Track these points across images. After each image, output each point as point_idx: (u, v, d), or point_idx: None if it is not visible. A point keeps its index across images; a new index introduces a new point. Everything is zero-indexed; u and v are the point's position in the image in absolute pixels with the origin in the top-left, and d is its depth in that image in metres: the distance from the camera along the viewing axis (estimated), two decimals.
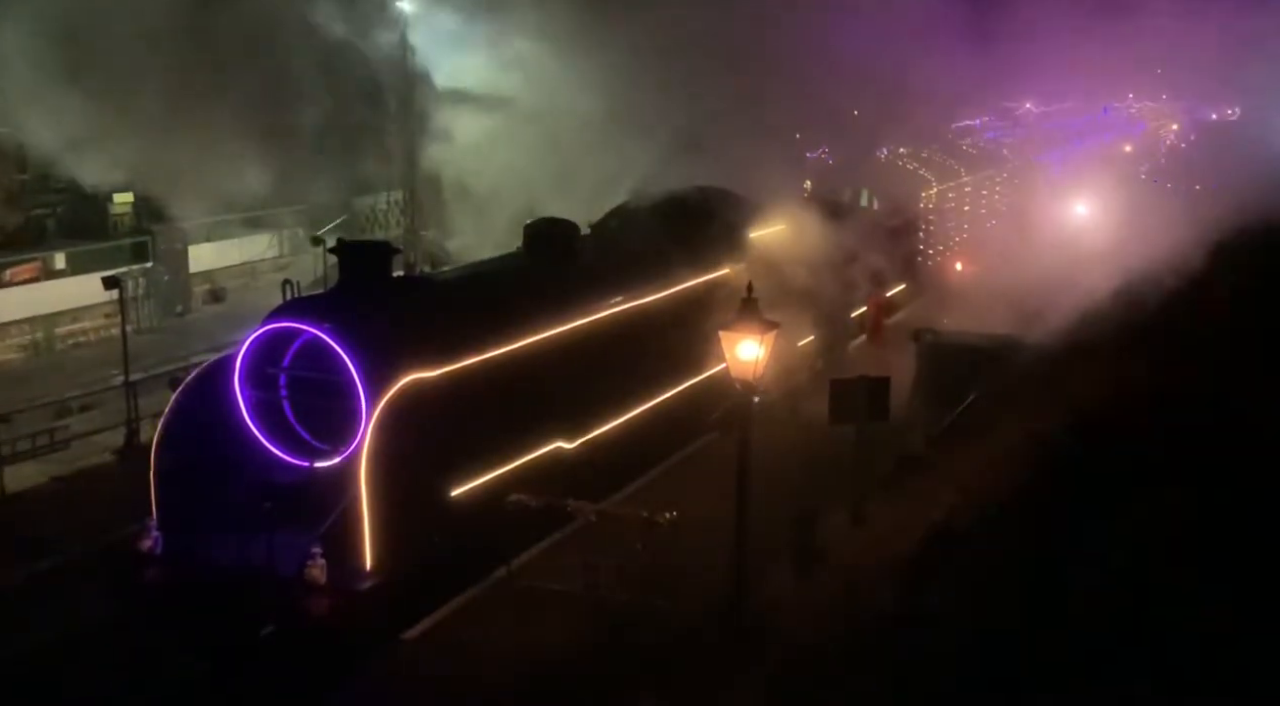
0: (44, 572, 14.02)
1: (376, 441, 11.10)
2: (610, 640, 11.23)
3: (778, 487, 13.78)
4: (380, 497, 11.10)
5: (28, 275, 25.75)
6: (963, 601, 12.21)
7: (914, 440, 16.74)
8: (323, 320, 11.82)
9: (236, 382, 12.17)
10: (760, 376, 11.27)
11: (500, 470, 12.60)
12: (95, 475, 17.60)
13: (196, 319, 28.33)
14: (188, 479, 12.00)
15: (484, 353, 12.93)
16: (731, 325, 11.19)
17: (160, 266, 28.14)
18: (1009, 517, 14.25)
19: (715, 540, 12.09)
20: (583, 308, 14.80)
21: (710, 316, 14.56)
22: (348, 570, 11.05)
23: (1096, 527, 13.79)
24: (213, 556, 11.46)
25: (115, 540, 12.61)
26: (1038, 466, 16.13)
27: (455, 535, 11.88)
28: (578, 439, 13.95)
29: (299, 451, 12.13)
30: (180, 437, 12.09)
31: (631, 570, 12.14)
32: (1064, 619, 11.76)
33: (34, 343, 25.24)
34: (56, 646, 11.93)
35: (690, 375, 16.52)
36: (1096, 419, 17.93)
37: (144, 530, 11.74)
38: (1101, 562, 12.96)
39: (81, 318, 26.04)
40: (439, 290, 14.47)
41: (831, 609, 12.19)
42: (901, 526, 14.15)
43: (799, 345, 19.50)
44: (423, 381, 11.85)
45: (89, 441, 18.80)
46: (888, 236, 24.67)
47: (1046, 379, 20.50)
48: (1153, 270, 24.45)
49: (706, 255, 17.50)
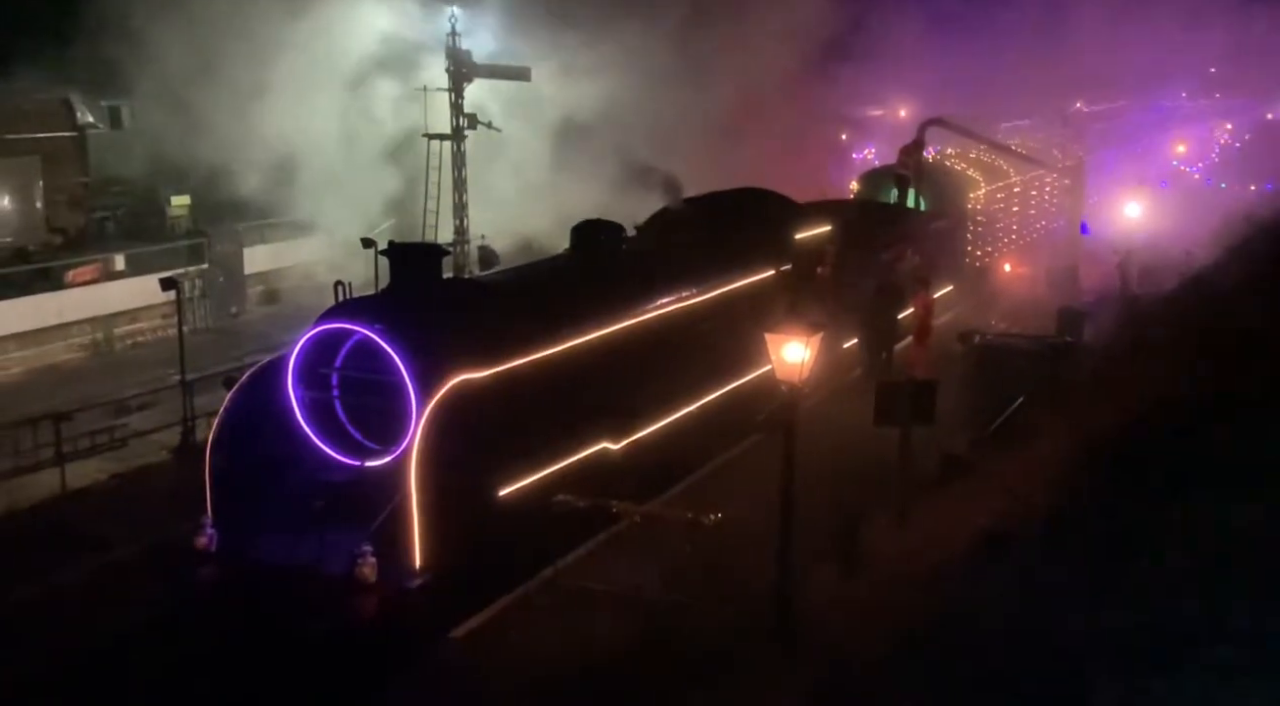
0: (101, 568, 14.29)
1: (426, 441, 11.25)
2: (655, 641, 11.30)
3: (823, 489, 13.77)
4: (429, 497, 11.24)
5: (89, 276, 26.35)
6: (1011, 604, 12.15)
7: (960, 443, 16.64)
8: (374, 321, 12.00)
9: (289, 382, 12.38)
10: (806, 378, 11.31)
11: (547, 470, 12.72)
12: (152, 473, 17.94)
13: (251, 319, 28.80)
14: (241, 477, 12.22)
15: (532, 354, 13.06)
16: (777, 327, 11.24)
17: (216, 268, 28.66)
18: (1059, 522, 14.13)
19: (760, 542, 12.12)
20: (629, 309, 14.89)
21: (756, 318, 14.59)
22: (397, 568, 11.20)
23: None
24: (265, 554, 11.66)
25: (171, 537, 12.84)
26: (1089, 470, 15.97)
27: (502, 534, 12.01)
28: (623, 440, 14.04)
29: (350, 450, 12.33)
30: (234, 436, 12.32)
31: (677, 571, 12.21)
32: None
33: (94, 342, 25.80)
34: (112, 642, 12.11)
35: (736, 377, 16.55)
36: (1149, 423, 17.72)
37: (199, 527, 11.96)
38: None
39: (140, 318, 26.58)
40: (487, 291, 14.63)
41: (877, 611, 12.17)
42: (947, 529, 14.09)
43: (844, 347, 19.47)
44: (472, 382, 11.98)
45: (146, 440, 19.19)
46: (935, 237, 24.54)
47: (1099, 381, 20.29)
48: (1205, 271, 24.13)
49: (753, 256, 17.51)
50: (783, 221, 18.79)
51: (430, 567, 11.32)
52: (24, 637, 12.45)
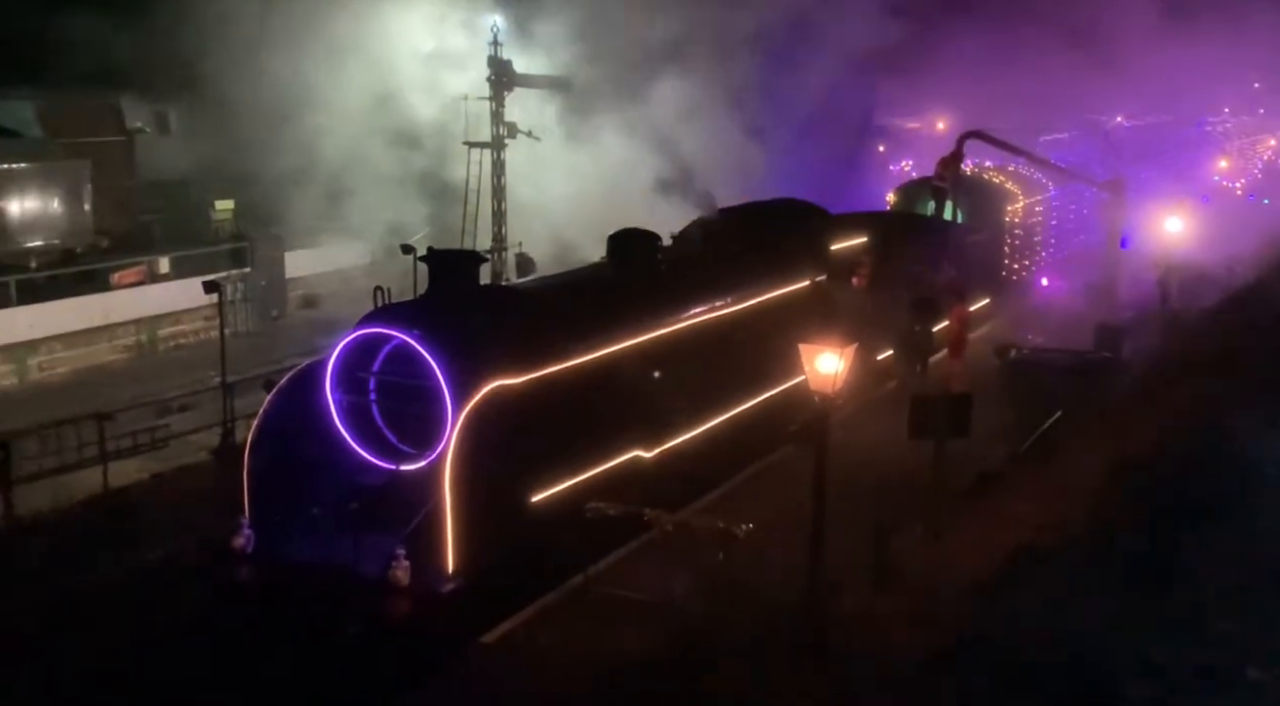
0: (140, 567, 14.50)
1: (461, 446, 11.35)
2: (685, 651, 11.33)
3: (855, 501, 13.76)
4: (463, 501, 11.33)
5: (134, 278, 26.76)
6: (1044, 622, 12.08)
7: (995, 458, 16.56)
8: (412, 326, 12.13)
9: (327, 386, 12.53)
10: (839, 389, 11.33)
11: (579, 477, 12.80)
12: (192, 473, 18.19)
13: (291, 323, 29.11)
14: (279, 478, 12.37)
15: (566, 361, 13.15)
16: (811, 337, 11.27)
17: (258, 272, 29.02)
18: (1094, 540, 14.03)
19: (791, 552, 12.14)
20: (663, 318, 14.96)
21: (790, 328, 14.62)
22: (430, 572, 11.30)
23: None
24: (301, 555, 11.81)
25: (209, 537, 13.02)
26: (1126, 488, 15.84)
27: (534, 540, 12.09)
28: (656, 448, 14.10)
29: (386, 454, 12.47)
30: (272, 438, 12.47)
31: (707, 581, 12.24)
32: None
33: (138, 343, 26.21)
34: (148, 640, 12.26)
35: (769, 387, 16.57)
36: (1188, 441, 17.54)
37: (236, 528, 12.10)
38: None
39: (183, 320, 26.96)
40: (524, 298, 14.74)
41: (908, 625, 12.14)
42: (980, 544, 14.03)
43: (878, 359, 19.43)
44: (507, 388, 12.09)
45: (187, 440, 19.45)
46: (972, 250, 24.44)
47: (1137, 398, 20.12)
48: (1247, 286, 23.85)
49: (788, 267, 17.54)
50: (818, 232, 18.80)
51: (462, 572, 11.41)
52: (64, 633, 12.68)
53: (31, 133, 26.38)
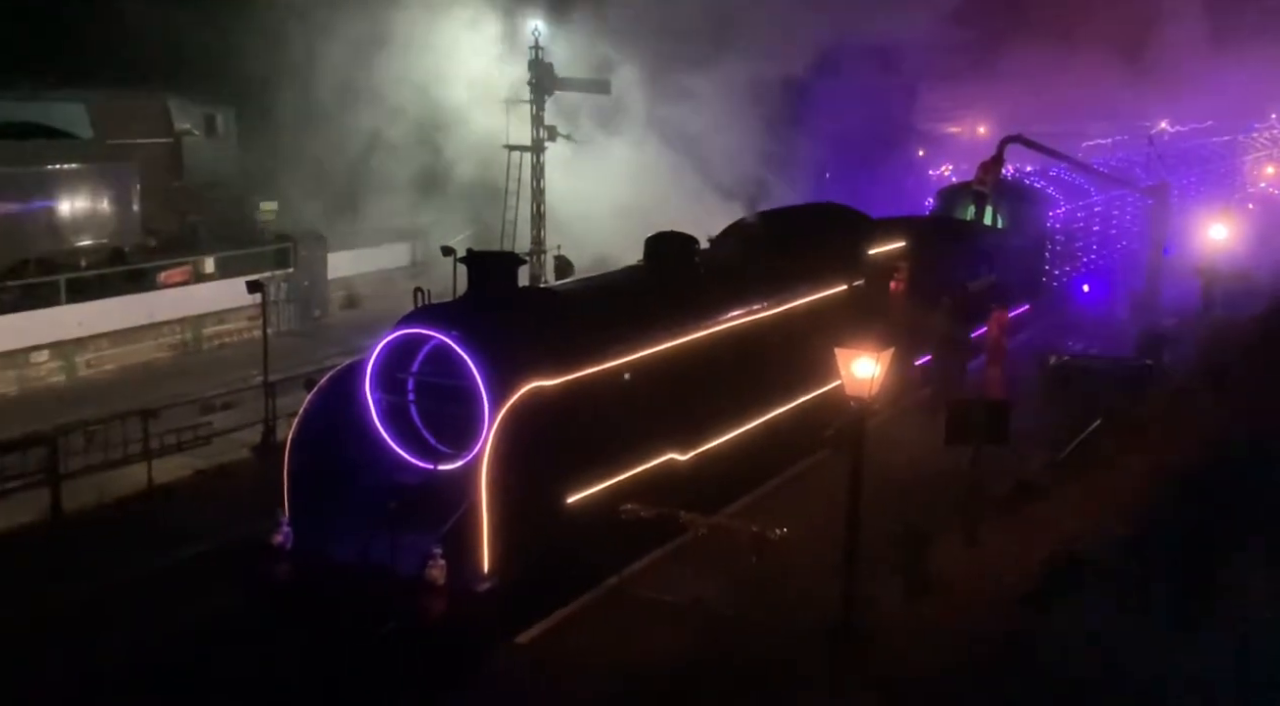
0: (182, 562, 14.72)
1: (497, 447, 11.44)
2: (717, 654, 11.35)
3: (891, 507, 13.73)
4: (499, 502, 11.42)
5: (180, 278, 27.15)
6: (1081, 633, 11.98)
7: (1034, 465, 16.44)
8: (451, 327, 12.24)
9: (367, 385, 12.68)
10: (875, 394, 11.32)
11: (614, 479, 12.86)
12: (234, 470, 18.44)
13: (333, 323, 29.39)
14: (318, 477, 12.52)
15: (603, 363, 13.21)
16: (847, 342, 11.27)
17: (301, 272, 29.34)
18: (1134, 550, 13.89)
19: (826, 557, 12.13)
20: (700, 321, 14.99)
21: (827, 332, 14.61)
22: (466, 571, 11.39)
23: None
24: (339, 553, 11.94)
25: (248, 534, 13.19)
26: (1167, 498, 15.68)
27: (569, 541, 12.17)
28: (691, 451, 14.13)
29: (423, 454, 12.59)
30: (312, 437, 12.62)
31: (741, 584, 12.25)
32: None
33: (183, 342, 26.58)
34: (188, 634, 12.43)
35: (805, 391, 16.56)
36: (1231, 452, 17.32)
37: (275, 525, 12.25)
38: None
39: (227, 319, 27.29)
40: (561, 300, 14.81)
41: (942, 632, 12.09)
42: (1017, 553, 13.94)
43: (916, 365, 19.35)
44: (544, 389, 12.16)
45: (229, 438, 19.70)
46: (1012, 255, 24.26)
47: (1179, 406, 19.89)
48: None
49: (825, 271, 17.51)
50: (856, 236, 18.75)
51: (498, 572, 11.50)
52: (107, 626, 12.91)
53: (83, 133, 26.84)
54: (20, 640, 12.63)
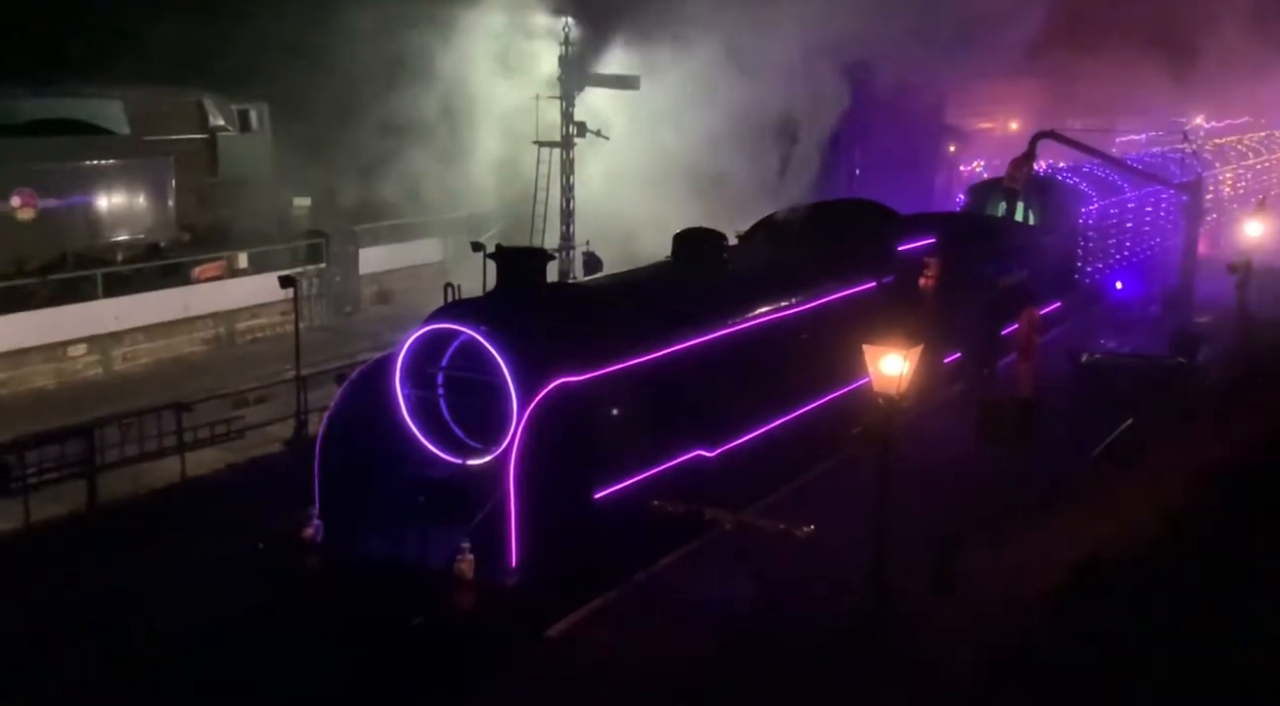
0: (215, 554, 14.84)
1: (526, 442, 11.51)
2: (743, 651, 11.36)
3: (920, 505, 13.67)
4: (527, 497, 11.49)
5: (214, 273, 27.42)
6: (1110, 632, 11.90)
7: (1064, 464, 16.33)
8: (480, 323, 12.32)
9: (396, 380, 12.78)
10: (905, 392, 11.29)
11: (642, 475, 12.90)
12: (266, 464, 18.60)
13: (364, 318, 29.59)
14: (348, 471, 12.65)
15: (631, 359, 13.26)
16: (876, 338, 11.24)
17: (333, 268, 29.56)
18: (1165, 551, 13.77)
19: (853, 555, 12.11)
20: (727, 317, 15.00)
21: (856, 329, 14.57)
22: (495, 566, 11.47)
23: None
24: (369, 547, 12.06)
25: (280, 527, 13.31)
26: (1199, 499, 15.52)
27: (597, 537, 12.22)
28: (719, 447, 14.15)
29: (453, 449, 12.68)
30: (343, 431, 12.74)
31: (768, 581, 12.25)
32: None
33: (217, 336, 26.85)
34: (220, 625, 12.53)
35: (834, 388, 16.52)
36: (1264, 453, 17.12)
37: (306, 518, 12.39)
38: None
39: (260, 314, 27.54)
40: (590, 296, 14.88)
41: (970, 632, 12.04)
42: (1046, 553, 13.85)
43: (945, 362, 19.26)
44: (572, 385, 12.23)
45: (262, 431, 19.89)
46: (1044, 252, 24.08)
47: (1212, 405, 19.69)
48: None
49: (854, 267, 17.46)
50: (886, 232, 18.69)
51: (526, 566, 11.57)
52: (140, 616, 13.07)
53: (120, 130, 27.16)
54: (54, 631, 12.81)
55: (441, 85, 26.03)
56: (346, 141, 26.72)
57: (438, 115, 26.31)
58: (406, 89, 25.86)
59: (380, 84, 25.90)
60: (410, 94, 25.90)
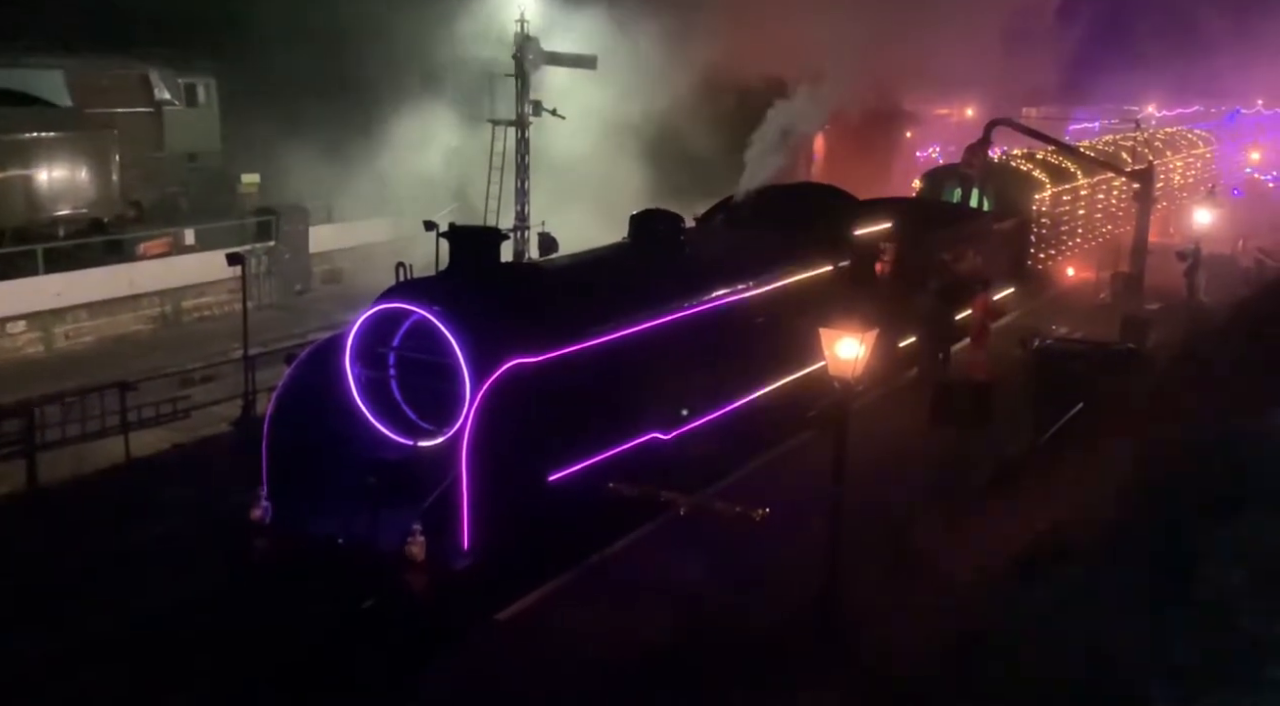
0: (159, 536, 14.60)
1: (479, 423, 11.35)
2: (699, 635, 11.33)
3: (874, 488, 13.71)
4: (480, 479, 11.34)
5: (160, 249, 26.93)
6: (1061, 614, 12.00)
7: (1016, 448, 16.46)
8: (432, 302, 12.12)
9: (347, 360, 12.56)
10: (859, 375, 11.27)
11: (597, 457, 12.80)
12: (212, 444, 18.32)
13: (314, 297, 29.24)
14: (297, 452, 12.42)
15: (586, 340, 13.12)
16: (832, 322, 11.20)
17: (282, 246, 29.12)
18: (1113, 533, 13.92)
19: (809, 538, 12.11)
20: (684, 299, 14.91)
21: (812, 313, 14.55)
22: (446, 548, 11.34)
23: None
24: (318, 529, 11.87)
25: (227, 508, 13.11)
26: (1147, 482, 15.70)
27: (551, 520, 12.11)
28: (675, 430, 14.08)
29: (404, 430, 12.49)
30: (292, 412, 12.50)
31: (723, 564, 12.21)
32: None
33: (163, 314, 26.39)
34: (166, 609, 12.37)
35: (790, 371, 16.51)
36: (1211, 436, 17.35)
37: (254, 500, 12.16)
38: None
39: (207, 292, 27.11)
40: (544, 277, 14.71)
41: (925, 614, 12.09)
42: (998, 535, 13.95)
43: (900, 346, 19.33)
44: (526, 366, 12.08)
45: (208, 411, 19.58)
46: (997, 238, 24.25)
47: (1161, 391, 19.94)
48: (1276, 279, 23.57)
49: (810, 251, 17.45)
50: (842, 217, 18.68)
51: (478, 549, 11.44)
52: (83, 601, 12.80)
53: (61, 102, 26.51)
54: None
55: (396, 60, 25.68)
56: (297, 117, 26.26)
57: (394, 90, 25.98)
58: (360, 65, 25.49)
59: (333, 59, 25.50)
60: (364, 70, 25.53)
